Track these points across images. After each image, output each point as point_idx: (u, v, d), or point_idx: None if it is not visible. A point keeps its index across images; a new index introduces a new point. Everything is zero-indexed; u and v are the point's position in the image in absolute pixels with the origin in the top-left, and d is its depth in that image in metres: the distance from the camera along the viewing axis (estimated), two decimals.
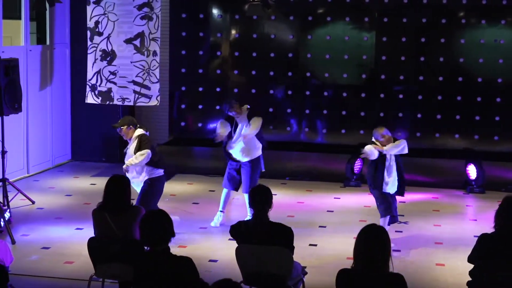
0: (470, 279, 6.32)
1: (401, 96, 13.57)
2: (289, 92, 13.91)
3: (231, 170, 10.04)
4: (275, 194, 10.21)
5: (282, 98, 13.99)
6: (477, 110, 13.32)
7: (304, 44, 13.89)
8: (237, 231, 6.61)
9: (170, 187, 12.26)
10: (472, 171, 12.45)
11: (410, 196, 11.97)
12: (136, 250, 6.08)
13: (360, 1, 13.50)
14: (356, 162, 12.72)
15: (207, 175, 13.10)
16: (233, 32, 14.16)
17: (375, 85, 13.67)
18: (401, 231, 9.95)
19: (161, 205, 9.14)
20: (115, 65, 12.27)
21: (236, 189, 10.14)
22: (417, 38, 13.46)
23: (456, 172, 12.59)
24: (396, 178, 9.22)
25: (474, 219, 10.78)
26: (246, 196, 9.44)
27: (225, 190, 10.07)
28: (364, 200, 11.56)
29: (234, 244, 6.61)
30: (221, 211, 10.06)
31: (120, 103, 12.39)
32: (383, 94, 13.63)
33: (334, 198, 11.86)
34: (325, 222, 10.35)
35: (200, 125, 14.30)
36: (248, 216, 9.09)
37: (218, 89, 14.13)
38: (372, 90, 13.68)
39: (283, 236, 6.45)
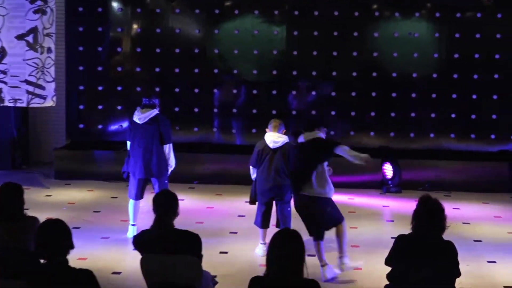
0: (387, 282, 6.42)
1: (313, 93, 13.72)
2: (196, 90, 13.86)
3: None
4: (182, 200, 10.21)
5: (188, 96, 13.92)
6: (392, 106, 13.59)
7: (211, 38, 13.87)
8: (141, 240, 6.53)
9: (68, 194, 12.05)
10: (388, 170, 12.70)
11: (355, 196, 12.17)
12: (30, 263, 5.93)
13: None
14: None
15: (109, 181, 12.93)
16: (135, 26, 14.03)
17: (287, 82, 13.77)
18: None
19: (58, 214, 8.97)
20: (6, 63, 11.95)
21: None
22: (329, 32, 13.62)
23: (372, 171, 12.80)
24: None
25: (391, 219, 10.98)
26: None
27: (132, 202, 9.91)
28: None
29: (138, 255, 6.53)
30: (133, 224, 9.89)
31: (12, 104, 12.07)
32: (295, 91, 13.74)
33: (246, 202, 11.86)
34: (237, 228, 10.36)
35: (100, 127, 14.09)
36: None
37: (119, 88, 13.97)
38: (284, 87, 13.77)
39: (190, 244, 6.41)
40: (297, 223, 9.38)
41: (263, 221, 9.27)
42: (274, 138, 9.06)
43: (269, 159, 9.07)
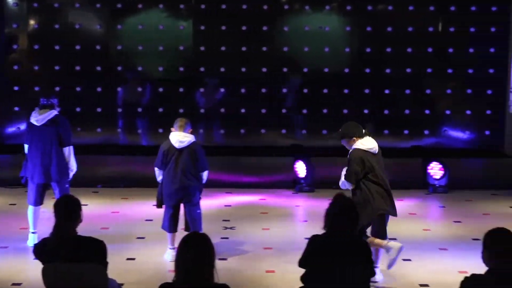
0: (301, 284, 6.49)
1: (222, 90, 13.75)
2: (99, 89, 13.72)
3: None
4: (86, 205, 10.08)
5: (91, 95, 13.76)
6: (303, 103, 13.73)
7: (113, 34, 13.76)
8: (42, 249, 6.43)
9: None
10: (300, 168, 12.83)
11: (235, 199, 12.19)
12: None
13: None
14: None
15: (7, 186, 12.67)
16: (32, 22, 13.79)
17: (194, 79, 13.76)
18: (227, 238, 10.07)
19: None
20: None
21: None
22: (238, 27, 13.68)
23: (284, 170, 12.91)
24: None
25: (305, 220, 11.09)
26: None
27: (31, 208, 9.73)
28: None
29: (40, 264, 6.43)
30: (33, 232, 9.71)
31: None
32: (203, 88, 13.75)
33: (153, 205, 11.80)
34: (144, 233, 10.29)
35: None
36: None
37: (16, 88, 13.71)
38: (192, 84, 13.75)
39: (94, 251, 6.33)
40: (207, 226, 9.41)
41: (170, 225, 9.24)
42: (179, 137, 9.03)
43: (175, 159, 9.04)
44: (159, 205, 9.38)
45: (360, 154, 8.34)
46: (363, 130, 8.53)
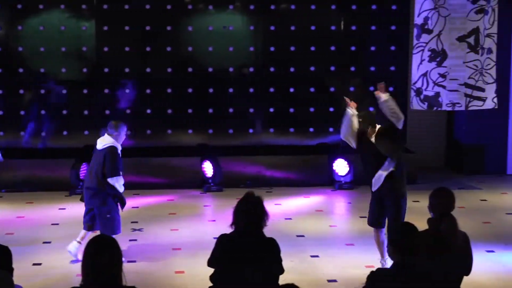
0: (211, 284, 6.49)
1: (127, 90, 13.64)
2: (0, 92, 13.42)
3: None
4: None
5: None
6: (210, 102, 13.73)
7: (14, 36, 13.48)
8: None
9: None
10: (208, 168, 12.84)
11: (143, 200, 12.12)
12: None
13: None
14: (82, 167, 12.59)
15: None
16: None
17: (98, 80, 13.60)
18: (135, 240, 10.00)
19: None
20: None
21: None
22: (141, 26, 13.58)
23: (192, 170, 12.90)
24: None
25: (213, 219, 11.10)
26: None
27: None
28: None
29: None
30: None
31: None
32: (108, 89, 13.61)
33: (59, 208, 11.66)
34: (50, 237, 10.14)
35: None
36: None
37: None
38: (96, 85, 13.60)
39: None
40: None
41: (84, 222, 9.17)
42: (100, 140, 9.06)
43: (93, 160, 9.07)
44: (81, 199, 9.35)
45: None
46: None
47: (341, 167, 13.02)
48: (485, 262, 8.57)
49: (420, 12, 12.13)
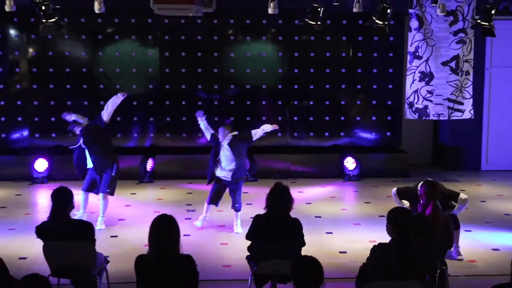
0: (248, 254, 6.51)
1: (183, 102, 13.68)
2: (85, 103, 13.54)
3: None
4: (77, 194, 9.93)
5: (79, 108, 13.54)
6: (247, 112, 13.70)
7: (96, 60, 13.58)
8: (42, 230, 6.35)
9: None
10: (246, 163, 12.81)
11: (195, 187, 12.15)
12: None
13: (143, 21, 13.42)
14: (148, 161, 12.70)
15: (13, 181, 12.43)
16: (30, 50, 13.53)
17: (161, 94, 13.67)
18: (190, 218, 10.04)
19: None
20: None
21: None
22: (194, 53, 13.62)
23: None
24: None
25: (250, 203, 11.09)
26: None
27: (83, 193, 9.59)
28: (157, 193, 11.55)
29: (41, 242, 6.34)
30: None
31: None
32: (168, 101, 13.67)
33: (131, 193, 11.74)
34: (124, 215, 10.21)
35: (3, 135, 13.52)
36: None
37: (19, 103, 13.45)
38: (159, 98, 13.67)
39: (84, 230, 6.28)
40: (174, 209, 9.34)
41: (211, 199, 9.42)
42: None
43: None
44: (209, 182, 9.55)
45: None
46: None
47: (350, 163, 12.99)
48: (463, 239, 8.49)
49: (412, 42, 12.08)
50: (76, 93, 13.52)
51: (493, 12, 10.66)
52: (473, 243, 8.80)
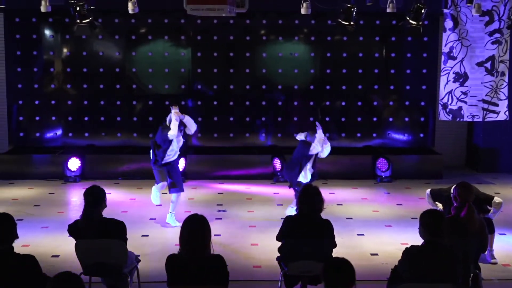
0: (279, 254, 6.49)
1: (215, 102, 13.73)
2: (118, 103, 13.66)
3: None
4: (109, 193, 10.03)
5: (112, 108, 13.71)
6: (279, 112, 13.74)
7: (129, 60, 13.69)
8: (74, 228, 6.41)
9: (12, 192, 11.68)
10: (277, 163, 12.83)
11: (226, 187, 12.17)
12: None
13: (176, 22, 13.50)
14: (180, 161, 12.73)
15: (46, 179, 12.59)
16: (65, 50, 13.69)
17: (193, 94, 13.73)
18: (220, 218, 10.06)
19: (4, 209, 8.66)
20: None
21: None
22: (226, 53, 13.67)
23: (264, 165, 12.91)
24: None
25: (281, 204, 11.08)
26: None
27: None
28: (188, 193, 11.59)
29: (73, 240, 6.40)
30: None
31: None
32: (200, 101, 13.72)
33: (162, 193, 11.75)
34: (155, 215, 10.26)
35: (38, 135, 13.72)
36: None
37: (53, 102, 13.63)
38: (192, 98, 13.73)
39: (116, 229, 6.32)
40: (204, 209, 9.37)
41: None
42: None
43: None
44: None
45: None
46: None
47: (382, 164, 12.89)
48: (497, 243, 8.37)
49: (447, 43, 11.93)
50: (109, 93, 13.65)
51: None
52: (508, 247, 8.66)
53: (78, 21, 10.30)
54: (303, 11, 10.23)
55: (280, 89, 13.72)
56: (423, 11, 10.20)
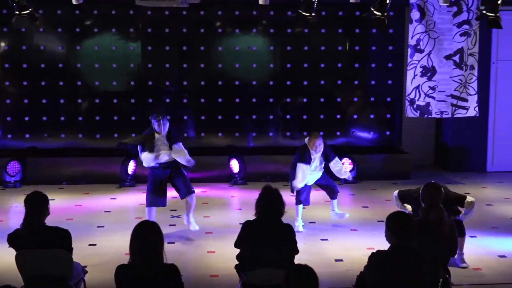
0: (237, 262, 6.49)
1: (167, 100, 13.67)
2: (62, 101, 13.50)
3: None
4: (53, 200, 9.92)
5: (54, 107, 13.54)
6: (236, 110, 13.74)
7: (73, 54, 13.54)
8: (14, 238, 6.30)
9: None
10: (235, 165, 12.84)
11: None
12: None
13: (125, 13, 13.40)
14: (130, 163, 12.67)
15: None
16: (2, 44, 13.48)
17: (144, 91, 13.65)
18: (174, 224, 10.02)
19: None
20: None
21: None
22: (179, 47, 13.62)
23: (221, 167, 12.90)
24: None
25: (239, 208, 11.11)
26: None
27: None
28: (139, 198, 11.52)
29: (13, 251, 6.30)
30: None
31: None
32: (151, 99, 13.65)
33: (111, 198, 11.71)
34: (103, 222, 10.18)
35: None
36: None
37: None
38: (141, 95, 13.64)
39: (60, 238, 6.25)
40: (158, 215, 9.33)
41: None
42: None
43: None
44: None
45: None
46: None
47: (346, 165, 12.97)
48: (468, 246, 8.51)
49: (414, 35, 12.09)
50: (52, 90, 13.48)
51: (499, 2, 10.69)
52: (479, 250, 8.82)
53: (17, 12, 10.13)
54: (261, 1, 10.25)
55: (238, 85, 13.73)
56: (388, 1, 10.30)
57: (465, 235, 8.17)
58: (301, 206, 9.78)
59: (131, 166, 12.70)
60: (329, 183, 9.95)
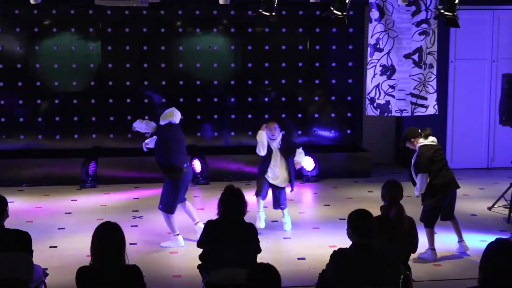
0: (200, 262, 6.49)
1: (128, 100, 13.58)
2: (20, 102, 13.33)
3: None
4: (12, 202, 9.79)
5: (14, 107, 13.37)
6: (198, 110, 13.71)
7: (32, 54, 13.38)
8: None
9: None
10: (197, 165, 12.82)
11: (142, 192, 12.08)
12: None
13: (84, 13, 13.28)
14: (91, 164, 12.57)
15: None
16: None
17: (104, 91, 13.54)
18: (136, 225, 9.97)
19: None
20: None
21: None
22: (139, 47, 13.55)
23: None
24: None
25: (202, 208, 11.07)
26: None
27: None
28: (100, 199, 11.42)
29: None
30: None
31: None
32: (112, 99, 13.55)
33: (72, 200, 11.59)
34: (64, 224, 10.08)
35: None
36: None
37: None
38: (101, 96, 13.53)
39: (20, 241, 6.17)
40: (119, 216, 9.26)
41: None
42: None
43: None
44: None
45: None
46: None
47: (308, 163, 13.03)
48: (426, 242, 8.61)
49: (373, 34, 12.19)
50: (10, 91, 13.31)
51: (457, 1, 10.83)
52: (439, 246, 8.93)
53: None
54: (221, 1, 10.24)
55: (199, 85, 13.70)
56: (347, 0, 10.37)
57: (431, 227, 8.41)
58: (262, 200, 9.78)
59: (92, 167, 12.60)
60: (280, 197, 9.79)
